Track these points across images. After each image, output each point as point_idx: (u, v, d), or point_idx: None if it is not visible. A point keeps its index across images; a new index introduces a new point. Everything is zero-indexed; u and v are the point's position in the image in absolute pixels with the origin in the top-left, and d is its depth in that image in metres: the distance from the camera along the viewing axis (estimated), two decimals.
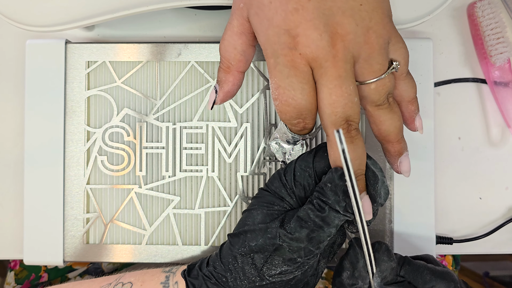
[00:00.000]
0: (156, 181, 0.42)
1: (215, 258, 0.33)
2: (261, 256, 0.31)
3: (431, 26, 0.47)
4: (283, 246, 0.31)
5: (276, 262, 0.31)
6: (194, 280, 0.33)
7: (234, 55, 0.32)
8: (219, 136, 0.42)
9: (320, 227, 0.30)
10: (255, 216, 0.32)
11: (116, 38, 0.46)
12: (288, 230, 0.30)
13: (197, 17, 0.47)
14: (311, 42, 0.28)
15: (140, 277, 0.36)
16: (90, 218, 0.42)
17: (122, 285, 0.35)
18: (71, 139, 0.42)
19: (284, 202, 0.32)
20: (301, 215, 0.31)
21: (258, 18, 0.30)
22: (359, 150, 0.30)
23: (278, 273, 0.31)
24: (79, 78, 0.42)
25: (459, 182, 0.46)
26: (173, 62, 0.42)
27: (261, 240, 0.31)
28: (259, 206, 0.32)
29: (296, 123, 0.31)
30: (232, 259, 0.32)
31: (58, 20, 0.38)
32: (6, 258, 0.46)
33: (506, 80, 0.46)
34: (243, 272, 0.32)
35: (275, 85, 0.30)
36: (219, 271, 0.33)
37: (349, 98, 0.29)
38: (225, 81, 0.33)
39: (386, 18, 0.30)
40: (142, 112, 0.42)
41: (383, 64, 0.30)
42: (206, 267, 0.33)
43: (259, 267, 0.31)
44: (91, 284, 0.37)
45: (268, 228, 0.31)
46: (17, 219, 0.46)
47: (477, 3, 0.45)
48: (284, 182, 0.32)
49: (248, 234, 0.32)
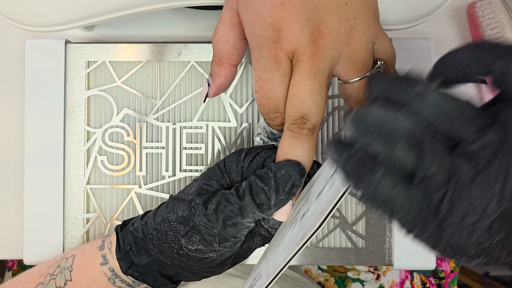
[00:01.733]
0: (156, 181, 0.42)
1: (151, 214, 0.34)
2: (182, 228, 0.31)
3: (431, 26, 0.47)
4: (200, 226, 0.31)
5: (194, 239, 0.31)
6: (124, 234, 0.34)
7: (226, 48, 0.32)
8: (219, 136, 0.42)
9: (235, 215, 0.30)
10: (192, 186, 0.33)
11: (116, 38, 0.46)
12: (208, 210, 0.31)
13: (197, 17, 0.47)
14: (292, 35, 0.28)
15: (81, 248, 0.37)
16: (90, 218, 0.42)
17: (66, 259, 0.36)
18: (71, 139, 0.42)
19: (224, 179, 0.32)
20: (222, 196, 0.31)
21: (247, 11, 0.30)
22: (302, 148, 0.29)
23: (194, 249, 0.32)
24: (79, 78, 0.42)
25: None
26: (173, 62, 0.42)
27: (186, 212, 0.31)
28: (201, 177, 0.33)
29: (274, 117, 0.31)
30: (162, 220, 0.32)
31: (58, 20, 0.38)
32: (6, 258, 0.46)
33: None
34: (166, 236, 0.32)
35: (257, 78, 0.30)
36: (149, 227, 0.33)
37: (310, 95, 0.28)
38: (217, 74, 0.33)
39: (371, 18, 0.30)
40: (142, 112, 0.42)
41: (366, 63, 0.30)
42: (139, 220, 0.34)
43: (179, 237, 0.32)
44: (40, 266, 0.38)
45: (192, 202, 0.31)
46: (17, 219, 0.46)
47: (477, 3, 0.45)
48: (240, 159, 0.32)
49: (179, 201, 0.32)
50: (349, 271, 0.52)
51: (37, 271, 0.37)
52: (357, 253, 0.41)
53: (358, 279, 0.51)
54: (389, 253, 0.41)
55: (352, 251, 0.41)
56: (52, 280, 0.35)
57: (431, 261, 0.42)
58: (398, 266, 0.41)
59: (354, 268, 0.52)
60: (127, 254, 0.34)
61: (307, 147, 0.30)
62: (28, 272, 0.38)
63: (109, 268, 0.34)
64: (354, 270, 0.52)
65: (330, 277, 0.50)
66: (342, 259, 0.41)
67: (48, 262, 0.38)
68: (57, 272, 0.36)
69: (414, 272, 0.54)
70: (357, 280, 0.51)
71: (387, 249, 0.41)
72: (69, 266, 0.36)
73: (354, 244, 0.42)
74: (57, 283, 0.35)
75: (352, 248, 0.41)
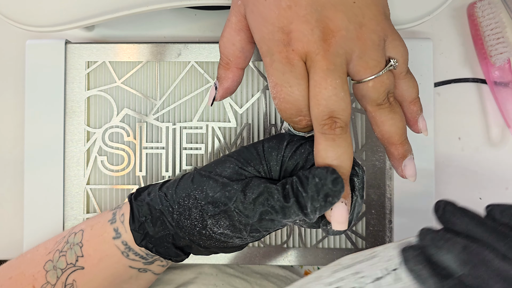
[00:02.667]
0: (156, 181, 0.42)
1: (171, 185, 0.32)
2: (211, 209, 0.30)
3: (431, 26, 0.47)
4: (234, 212, 0.30)
5: (222, 223, 0.30)
6: (139, 204, 0.33)
7: (233, 52, 0.32)
8: (219, 136, 0.42)
9: (276, 213, 0.29)
10: (227, 167, 0.31)
11: (116, 38, 0.46)
12: (246, 198, 0.29)
13: (197, 17, 0.47)
14: (302, 36, 0.28)
15: (90, 222, 0.36)
16: None
17: (75, 234, 0.35)
18: (71, 139, 0.42)
19: (261, 166, 0.31)
20: (266, 189, 0.29)
21: (253, 16, 0.30)
22: (339, 149, 0.28)
23: (219, 232, 0.31)
24: (79, 78, 0.42)
25: (459, 182, 0.46)
26: (173, 62, 0.42)
27: (219, 194, 0.30)
28: (236, 159, 0.31)
29: (298, 121, 0.30)
30: (186, 195, 0.31)
31: (58, 20, 0.38)
32: (6, 258, 0.46)
33: (506, 80, 0.46)
34: (189, 213, 0.31)
35: (273, 83, 0.30)
36: (169, 199, 0.32)
37: (334, 91, 0.28)
38: (224, 77, 0.33)
39: (380, 16, 0.30)
40: (142, 112, 0.42)
41: (379, 60, 0.30)
42: (158, 190, 0.33)
43: (205, 217, 0.31)
44: (47, 242, 0.37)
45: (229, 186, 0.30)
46: (17, 219, 0.46)
47: (477, 3, 0.45)
48: (282, 147, 0.31)
49: (210, 181, 0.31)
50: None
51: (43, 248, 0.36)
52: None
53: None
54: None
55: (352, 252, 0.41)
56: (62, 257, 0.35)
57: None
58: None
59: None
60: (141, 225, 0.33)
61: (345, 147, 0.29)
62: (34, 249, 0.37)
63: (122, 242, 0.34)
64: None
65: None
66: None
67: (55, 238, 0.37)
68: (66, 248, 0.35)
69: None
70: None
71: None
72: (79, 241, 0.35)
73: (354, 245, 0.42)
74: (67, 260, 0.34)
75: (352, 248, 0.41)
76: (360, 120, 0.42)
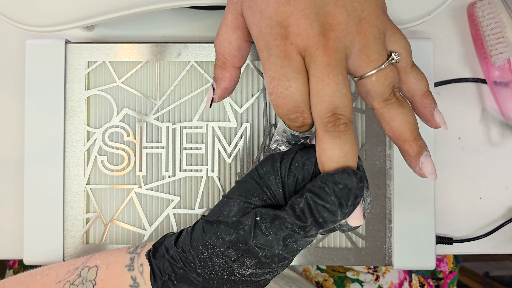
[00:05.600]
0: (156, 181, 0.42)
1: (185, 239, 0.31)
2: (232, 253, 0.29)
3: (431, 26, 0.47)
4: (256, 248, 0.28)
5: (248, 263, 0.29)
6: (159, 262, 0.32)
7: (229, 50, 0.32)
8: (219, 136, 0.42)
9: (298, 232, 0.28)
10: (232, 206, 0.30)
11: (116, 38, 0.46)
12: (262, 231, 0.28)
13: (197, 17, 0.47)
14: (302, 30, 0.28)
15: (105, 259, 0.34)
16: (90, 218, 0.42)
17: (89, 269, 0.34)
18: (71, 139, 0.42)
19: (265, 194, 0.30)
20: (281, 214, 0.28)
21: (251, 11, 0.29)
22: (345, 147, 0.27)
23: (248, 273, 0.30)
24: (79, 78, 0.42)
25: (459, 182, 0.46)
26: (173, 62, 0.42)
27: (234, 235, 0.29)
28: (238, 194, 0.30)
29: (295, 118, 0.29)
30: (203, 247, 0.30)
31: (58, 20, 0.38)
32: (6, 258, 0.46)
33: (506, 80, 0.46)
34: (211, 264, 0.30)
35: (270, 78, 0.29)
36: (187, 255, 0.30)
37: (336, 87, 0.27)
38: (221, 77, 0.33)
39: (379, 10, 0.30)
40: (142, 112, 0.42)
41: (380, 53, 0.29)
42: (174, 247, 0.31)
43: (230, 263, 0.29)
44: (59, 268, 0.36)
45: (241, 224, 0.29)
46: (17, 219, 0.46)
47: (477, 3, 0.45)
48: (276, 168, 0.29)
49: (221, 225, 0.29)
50: (348, 271, 0.52)
51: (54, 274, 0.35)
52: (357, 253, 0.41)
53: (357, 280, 0.51)
54: (389, 253, 0.41)
55: (352, 251, 0.41)
56: None
57: (430, 261, 0.42)
58: (397, 266, 0.41)
59: (353, 268, 0.52)
60: (165, 283, 0.31)
61: (351, 144, 0.28)
62: (45, 272, 0.36)
63: None
64: (353, 270, 0.52)
65: (329, 277, 0.50)
66: (342, 259, 0.41)
67: (67, 265, 0.36)
68: (78, 282, 0.34)
69: (412, 274, 0.53)
70: (356, 281, 0.51)
71: (387, 249, 0.41)
72: (92, 279, 0.33)
73: (354, 244, 0.42)
74: None
75: (352, 248, 0.41)
76: (360, 120, 0.42)
